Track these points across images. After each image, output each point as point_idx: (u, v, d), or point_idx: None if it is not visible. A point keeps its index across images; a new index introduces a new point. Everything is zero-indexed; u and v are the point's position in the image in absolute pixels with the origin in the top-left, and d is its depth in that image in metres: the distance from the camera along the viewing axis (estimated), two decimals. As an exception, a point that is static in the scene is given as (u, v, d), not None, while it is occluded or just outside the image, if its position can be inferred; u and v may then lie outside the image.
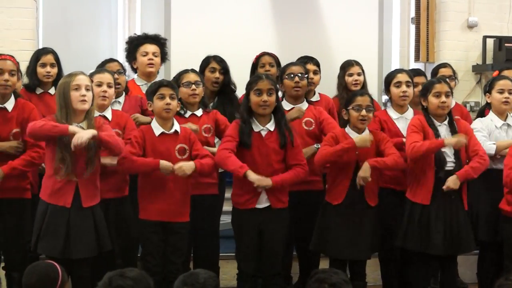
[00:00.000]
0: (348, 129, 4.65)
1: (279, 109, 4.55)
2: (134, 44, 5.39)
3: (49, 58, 4.96)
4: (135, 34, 5.81)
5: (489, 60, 7.29)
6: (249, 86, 4.53)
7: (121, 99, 4.94)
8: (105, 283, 2.88)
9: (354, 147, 4.51)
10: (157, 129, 4.45)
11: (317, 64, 5.40)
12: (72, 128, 4.08)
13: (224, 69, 5.23)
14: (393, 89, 4.99)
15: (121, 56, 6.84)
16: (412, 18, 7.49)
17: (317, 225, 4.70)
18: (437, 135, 4.61)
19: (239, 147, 4.47)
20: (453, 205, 4.62)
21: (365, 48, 6.53)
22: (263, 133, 4.50)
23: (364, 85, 5.45)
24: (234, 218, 4.63)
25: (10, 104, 4.57)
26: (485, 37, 7.32)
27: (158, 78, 5.30)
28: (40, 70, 4.95)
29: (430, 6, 7.30)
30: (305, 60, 5.32)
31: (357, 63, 5.47)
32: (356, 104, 4.59)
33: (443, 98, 4.63)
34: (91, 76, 4.50)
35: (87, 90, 4.17)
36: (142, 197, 4.48)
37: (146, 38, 5.40)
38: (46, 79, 4.94)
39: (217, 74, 5.20)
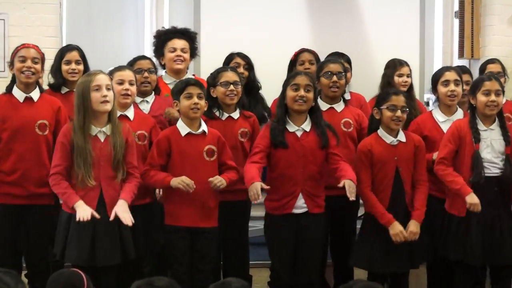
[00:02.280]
0: (381, 132, 4.44)
1: (317, 109, 4.43)
2: (162, 39, 5.24)
3: (74, 55, 4.84)
4: (163, 27, 5.67)
5: (537, 56, 7.19)
6: (286, 82, 4.41)
7: (150, 98, 4.81)
8: (133, 292, 2.88)
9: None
10: (183, 129, 4.33)
11: (348, 61, 5.29)
12: (77, 204, 4.04)
13: (249, 65, 5.16)
14: (441, 88, 4.77)
15: (148, 53, 6.75)
16: (455, 12, 7.37)
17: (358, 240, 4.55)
18: (477, 139, 4.42)
19: (274, 149, 4.36)
20: (496, 214, 4.42)
21: (407, 44, 6.53)
22: (299, 133, 4.37)
23: (411, 88, 5.28)
24: (268, 225, 4.49)
25: (35, 94, 4.50)
26: (533, 32, 7.21)
27: (188, 75, 5.19)
28: (64, 67, 4.82)
29: (475, -1, 7.26)
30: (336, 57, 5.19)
31: (407, 64, 5.30)
32: (391, 103, 4.38)
33: (493, 97, 4.43)
34: (111, 73, 4.40)
35: (108, 89, 4.10)
36: (168, 202, 4.38)
37: (174, 33, 5.25)
38: (71, 77, 4.79)
39: (241, 69, 5.09)
